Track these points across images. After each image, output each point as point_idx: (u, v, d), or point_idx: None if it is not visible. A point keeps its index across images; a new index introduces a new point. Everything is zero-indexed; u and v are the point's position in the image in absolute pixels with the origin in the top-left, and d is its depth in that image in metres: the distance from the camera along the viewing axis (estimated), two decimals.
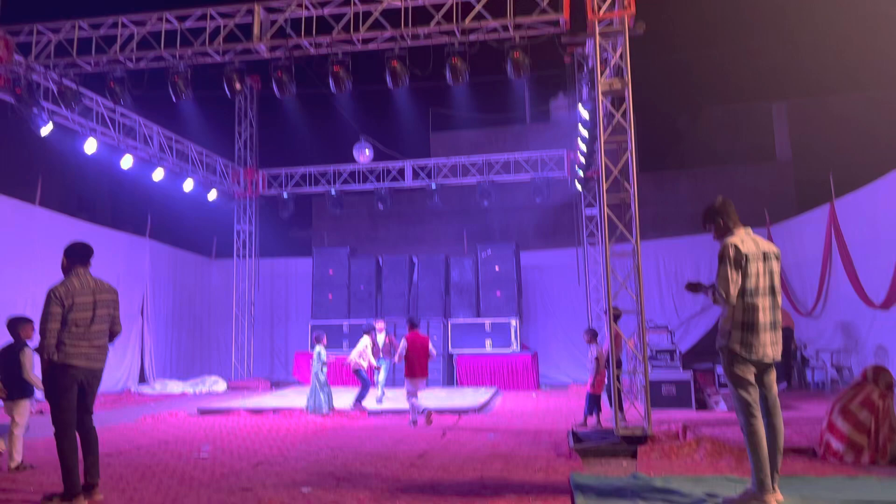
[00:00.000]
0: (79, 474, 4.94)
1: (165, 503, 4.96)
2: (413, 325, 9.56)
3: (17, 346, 6.32)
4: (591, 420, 8.73)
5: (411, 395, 9.17)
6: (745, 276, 4.50)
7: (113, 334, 5.32)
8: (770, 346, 4.52)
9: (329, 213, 17.97)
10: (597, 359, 8.85)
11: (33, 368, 6.18)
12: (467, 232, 18.12)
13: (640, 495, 4.77)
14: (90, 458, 5.07)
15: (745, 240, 4.60)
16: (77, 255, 5.21)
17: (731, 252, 4.49)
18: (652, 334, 10.99)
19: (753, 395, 4.50)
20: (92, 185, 22.28)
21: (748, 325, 4.50)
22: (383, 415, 10.21)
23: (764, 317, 4.50)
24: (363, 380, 10.75)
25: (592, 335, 9.13)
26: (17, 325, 6.42)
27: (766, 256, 4.60)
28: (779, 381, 11.96)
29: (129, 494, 5.21)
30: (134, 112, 13.24)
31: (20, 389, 6.28)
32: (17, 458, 6.17)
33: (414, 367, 9.22)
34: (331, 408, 10.18)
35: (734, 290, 4.47)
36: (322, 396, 10.21)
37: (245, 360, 16.98)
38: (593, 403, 8.74)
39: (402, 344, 9.31)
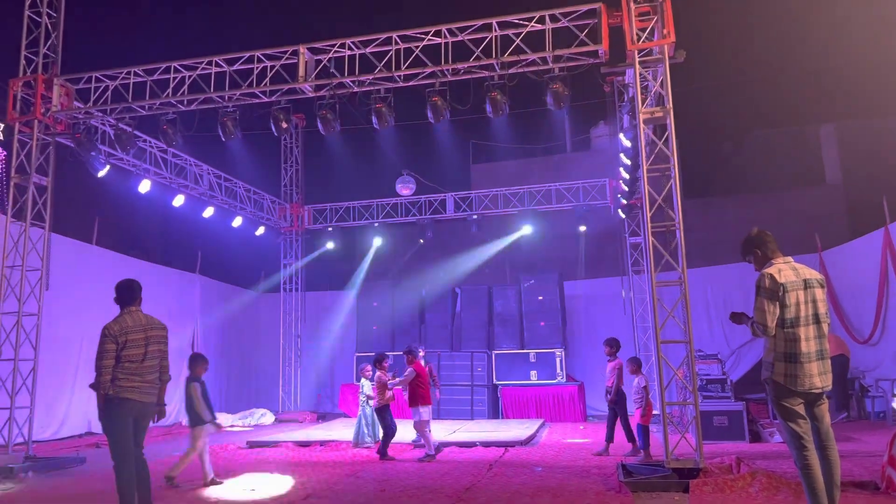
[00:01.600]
0: None
1: None
2: (413, 355, 9.52)
3: (189, 380, 7.27)
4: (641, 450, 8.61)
5: (426, 424, 9.06)
6: (783, 306, 4.44)
7: (163, 381, 5.48)
8: (818, 377, 4.42)
9: (373, 248, 18.15)
10: (644, 388, 8.73)
11: (200, 401, 7.17)
12: (510, 262, 18.11)
13: None
14: (143, 489, 5.20)
15: (784, 269, 4.54)
16: (127, 293, 5.40)
17: (767, 282, 4.46)
18: (701, 364, 10.76)
19: (804, 428, 4.41)
20: (145, 224, 22.96)
21: (790, 356, 4.42)
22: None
23: (807, 346, 4.42)
24: (386, 425, 9.45)
25: (637, 365, 9.01)
26: (193, 361, 7.47)
27: (807, 284, 4.52)
28: (838, 411, 11.60)
29: None
30: (185, 153, 13.70)
31: (192, 418, 7.15)
32: (209, 474, 7.09)
33: (427, 395, 9.21)
34: (375, 440, 10.11)
35: (771, 322, 4.42)
36: (365, 429, 10.22)
37: (292, 393, 17.17)
38: (646, 434, 8.60)
39: (410, 372, 9.22)
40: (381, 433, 9.65)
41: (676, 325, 8.38)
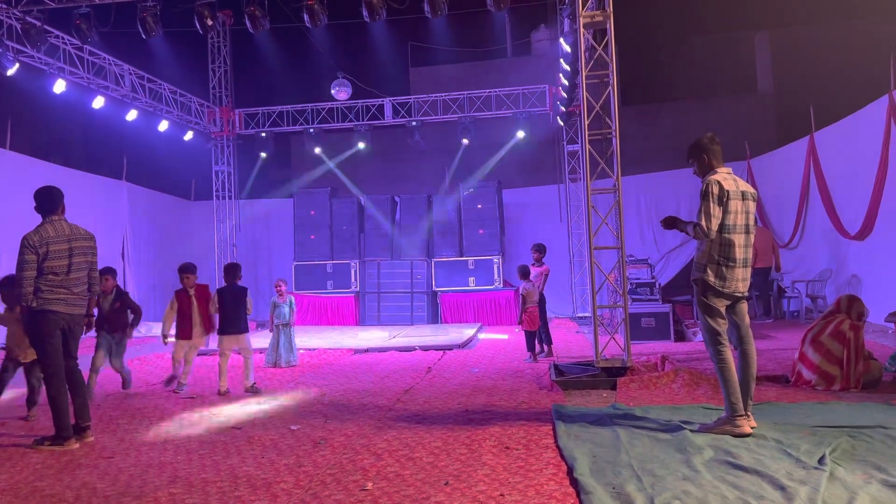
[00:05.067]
0: (69, 417, 5.02)
1: (156, 443, 5.07)
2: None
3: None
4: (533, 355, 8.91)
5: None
6: (725, 212, 4.61)
7: (93, 293, 5.33)
8: (741, 282, 4.70)
9: (308, 153, 17.72)
10: (522, 295, 8.99)
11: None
12: (449, 170, 18.02)
13: (619, 424, 4.94)
14: (79, 400, 5.14)
15: (727, 178, 4.69)
16: (47, 201, 5.12)
17: (716, 189, 4.59)
18: (632, 269, 11.14)
19: (722, 326, 4.69)
20: (64, 128, 21.73)
21: (724, 260, 4.63)
22: (369, 353, 10.35)
23: (740, 253, 4.65)
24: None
25: (523, 273, 9.19)
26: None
27: (744, 196, 4.73)
28: (766, 314, 12.28)
29: (121, 436, 5.31)
30: (103, 51, 12.83)
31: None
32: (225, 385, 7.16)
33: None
34: (288, 361, 9.01)
35: (715, 225, 4.58)
36: (280, 350, 9.08)
37: None
38: (531, 340, 8.92)
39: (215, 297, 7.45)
40: (296, 357, 9.11)
41: (609, 232, 8.60)
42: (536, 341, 9.00)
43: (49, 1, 9.90)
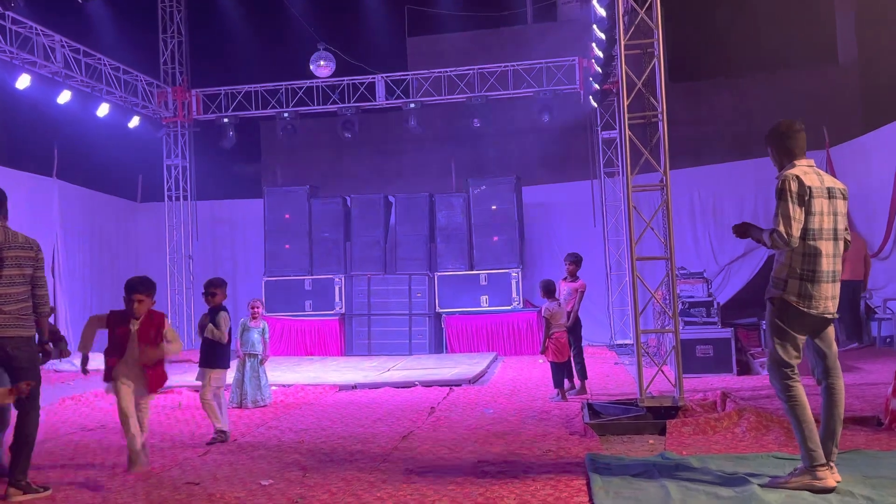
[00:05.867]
0: None
1: (95, 500, 5.07)
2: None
3: None
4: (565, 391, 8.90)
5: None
6: (808, 213, 4.58)
7: (39, 314, 5.43)
8: (831, 300, 4.66)
9: (282, 144, 17.79)
10: (545, 318, 8.99)
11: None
12: (456, 163, 18.06)
13: (670, 477, 4.92)
14: (19, 449, 5.21)
15: (808, 172, 4.66)
16: None
17: (794, 185, 4.56)
18: (684, 284, 11.11)
19: (794, 359, 4.66)
20: None
21: (808, 274, 4.61)
22: (357, 389, 10.35)
23: (828, 264, 4.62)
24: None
25: (547, 290, 9.21)
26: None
27: (831, 193, 4.69)
28: (849, 339, 12.22)
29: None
30: (30, 19, 12.92)
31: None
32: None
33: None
34: (255, 401, 8.97)
35: (796, 231, 4.55)
36: (246, 387, 9.03)
37: (184, 328, 17.05)
38: (559, 374, 8.89)
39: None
40: (267, 395, 9.14)
41: (656, 239, 8.59)
42: (567, 375, 8.98)
43: None
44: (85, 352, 6.15)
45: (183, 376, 10.71)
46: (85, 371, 6.13)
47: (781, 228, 4.54)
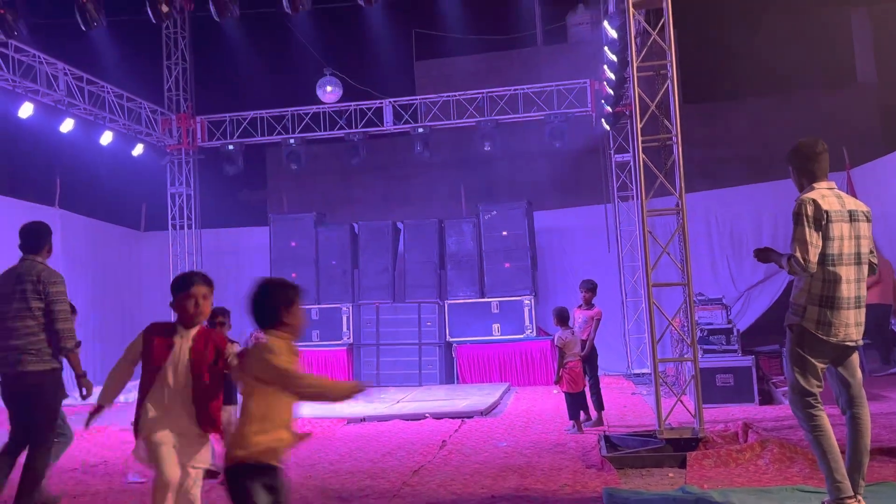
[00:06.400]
0: None
1: None
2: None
3: None
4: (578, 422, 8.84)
5: None
6: (826, 238, 4.56)
7: (63, 349, 5.53)
8: (854, 328, 4.62)
9: (288, 170, 17.88)
10: (558, 347, 8.94)
11: None
12: (466, 188, 18.11)
13: None
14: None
15: (827, 195, 4.64)
16: (32, 238, 5.80)
17: (810, 209, 4.55)
18: (702, 311, 11.06)
19: (815, 387, 4.62)
20: None
21: (827, 300, 4.58)
22: (366, 422, 10.30)
23: (849, 290, 4.59)
24: None
25: (560, 317, 9.16)
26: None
27: (853, 216, 4.66)
28: (885, 364, 12.08)
29: None
30: (33, 47, 13.07)
31: None
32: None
33: None
34: None
35: (814, 257, 4.53)
36: None
37: None
38: (575, 405, 8.84)
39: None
40: None
41: (672, 265, 8.56)
42: (582, 406, 8.93)
43: None
44: (105, 403, 4.41)
45: None
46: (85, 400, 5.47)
47: (798, 254, 4.53)
